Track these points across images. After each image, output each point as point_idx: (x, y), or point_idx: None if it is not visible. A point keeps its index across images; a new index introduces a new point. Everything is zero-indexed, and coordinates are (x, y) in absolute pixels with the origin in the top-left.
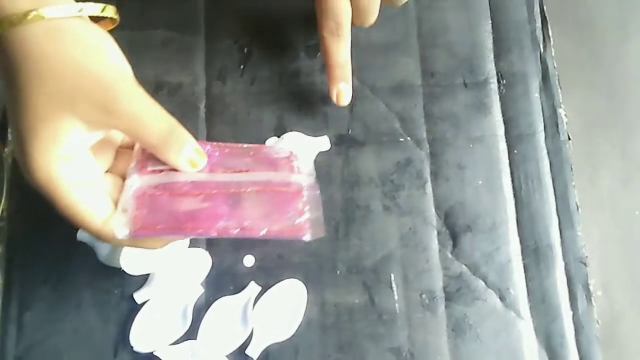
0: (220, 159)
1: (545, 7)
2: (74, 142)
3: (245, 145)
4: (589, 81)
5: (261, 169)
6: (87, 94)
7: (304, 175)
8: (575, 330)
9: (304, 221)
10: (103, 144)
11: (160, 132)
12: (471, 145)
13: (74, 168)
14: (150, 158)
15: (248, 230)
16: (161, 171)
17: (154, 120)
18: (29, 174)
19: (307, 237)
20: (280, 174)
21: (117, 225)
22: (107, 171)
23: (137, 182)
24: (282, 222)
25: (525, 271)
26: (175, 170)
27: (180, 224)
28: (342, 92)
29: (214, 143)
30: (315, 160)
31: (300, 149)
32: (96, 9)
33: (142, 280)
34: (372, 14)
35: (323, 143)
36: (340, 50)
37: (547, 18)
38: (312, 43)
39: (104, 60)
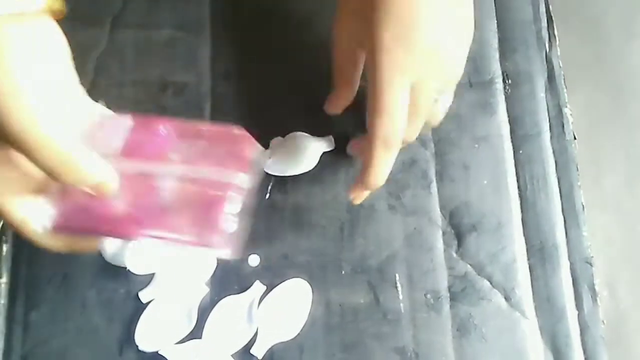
0: (175, 142)
1: (550, 7)
2: None
3: (205, 128)
4: (594, 80)
5: (209, 161)
6: None
7: (249, 175)
8: (581, 331)
9: (225, 235)
10: None
11: (51, 162)
12: (476, 145)
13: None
14: None
15: (165, 239)
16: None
17: (44, 148)
18: None
19: (226, 254)
20: (224, 172)
21: (40, 219)
22: None
23: None
24: (204, 233)
25: (530, 271)
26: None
27: (97, 226)
28: (362, 196)
29: (173, 122)
30: (320, 160)
31: (302, 147)
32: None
33: (147, 279)
34: (436, 118)
35: (328, 143)
36: (388, 162)
37: (553, 17)
38: (318, 42)
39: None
